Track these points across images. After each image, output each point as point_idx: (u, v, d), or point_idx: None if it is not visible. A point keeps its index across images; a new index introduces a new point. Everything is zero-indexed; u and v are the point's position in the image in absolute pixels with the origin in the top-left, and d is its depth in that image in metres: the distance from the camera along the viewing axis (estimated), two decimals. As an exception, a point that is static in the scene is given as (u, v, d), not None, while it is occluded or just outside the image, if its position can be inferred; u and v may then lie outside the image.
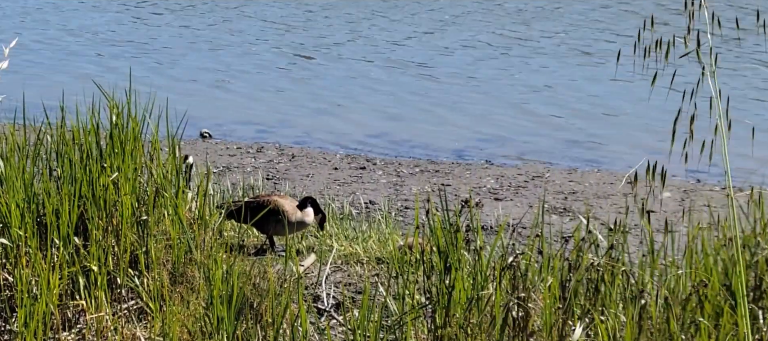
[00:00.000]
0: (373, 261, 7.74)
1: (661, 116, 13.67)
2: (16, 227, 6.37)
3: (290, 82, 16.22)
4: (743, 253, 5.18)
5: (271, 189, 10.77)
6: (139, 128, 6.98)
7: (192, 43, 18.73)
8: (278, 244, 8.15)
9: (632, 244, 5.76)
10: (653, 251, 5.41)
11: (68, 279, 6.32)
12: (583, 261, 5.36)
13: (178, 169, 7.01)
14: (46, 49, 18.15)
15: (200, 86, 16.01)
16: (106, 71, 15.87)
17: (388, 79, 16.28)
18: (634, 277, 5.31)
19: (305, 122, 14.22)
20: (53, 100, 7.49)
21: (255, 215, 7.79)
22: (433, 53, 17.76)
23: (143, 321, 6.34)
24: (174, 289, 6.40)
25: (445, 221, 5.55)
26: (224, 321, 5.57)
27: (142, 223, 6.71)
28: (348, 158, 12.51)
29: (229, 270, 5.63)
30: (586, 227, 5.43)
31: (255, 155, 12.59)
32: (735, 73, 15.60)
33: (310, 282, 7.21)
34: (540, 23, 19.63)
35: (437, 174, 11.78)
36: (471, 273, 5.61)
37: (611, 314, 5.18)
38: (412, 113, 14.54)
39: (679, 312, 5.08)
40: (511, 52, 17.77)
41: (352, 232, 8.49)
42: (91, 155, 6.77)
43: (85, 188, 6.66)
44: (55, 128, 6.97)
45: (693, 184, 11.31)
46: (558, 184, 11.41)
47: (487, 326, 5.42)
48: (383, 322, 5.88)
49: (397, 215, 9.96)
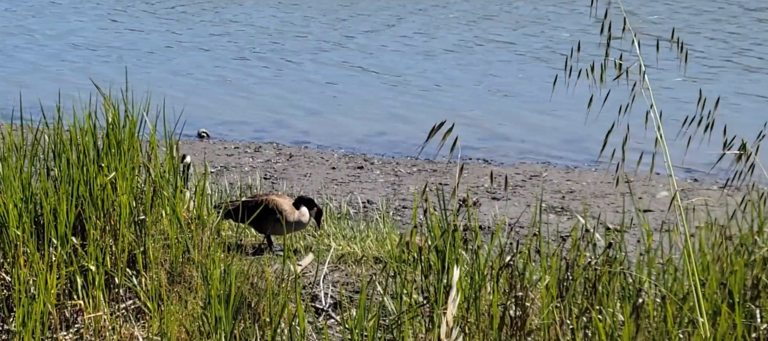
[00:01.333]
0: (371, 260, 7.74)
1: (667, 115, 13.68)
2: (13, 227, 6.37)
3: (288, 82, 16.22)
4: (741, 252, 5.19)
5: (269, 189, 10.77)
6: (137, 128, 6.98)
7: (188, 45, 18.72)
8: (276, 244, 8.15)
9: (630, 243, 5.76)
10: (650, 250, 5.41)
11: (66, 278, 6.32)
12: (580, 260, 5.37)
13: (176, 168, 7.01)
14: (42, 51, 18.14)
15: (198, 86, 16.02)
16: (103, 72, 15.86)
17: (385, 79, 16.28)
18: (632, 276, 5.31)
19: (303, 122, 14.22)
20: (50, 101, 7.49)
21: (252, 215, 7.78)
22: (430, 53, 17.77)
23: (141, 320, 6.33)
24: (172, 289, 6.40)
25: (443, 220, 5.55)
26: (222, 320, 5.57)
27: (140, 223, 6.71)
28: (346, 158, 12.51)
29: (227, 269, 5.63)
30: (584, 227, 5.43)
31: (253, 155, 12.59)
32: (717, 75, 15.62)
33: (307, 281, 7.21)
34: (531, 27, 19.64)
35: (435, 174, 11.78)
36: (469, 273, 5.61)
37: (609, 313, 5.19)
38: (410, 112, 14.55)
39: (677, 311, 5.09)
40: (504, 54, 17.78)
41: (350, 231, 8.49)
42: (88, 155, 6.77)
43: (82, 188, 6.66)
44: (52, 128, 6.96)
45: (690, 183, 11.32)
46: (556, 183, 11.42)
47: (485, 325, 5.42)
48: (381, 321, 5.88)
49: (395, 214, 9.97)
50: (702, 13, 20.08)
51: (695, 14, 19.99)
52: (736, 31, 18.78)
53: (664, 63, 5.12)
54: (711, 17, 19.79)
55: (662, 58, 4.94)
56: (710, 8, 20.40)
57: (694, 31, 18.43)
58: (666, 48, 5.05)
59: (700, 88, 5.28)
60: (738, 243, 5.28)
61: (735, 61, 16.68)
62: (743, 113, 13.48)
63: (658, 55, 5.15)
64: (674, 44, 5.26)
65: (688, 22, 19.27)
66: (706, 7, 20.45)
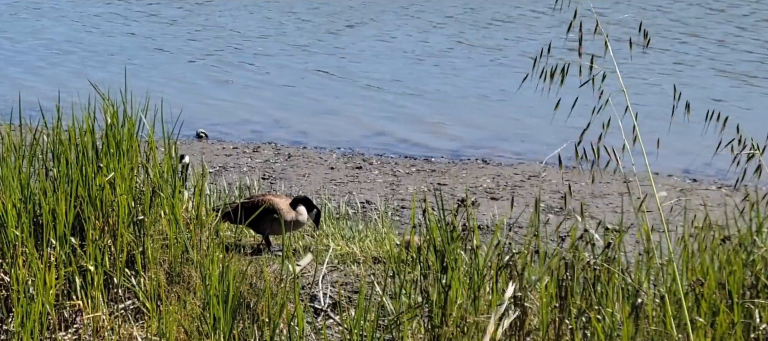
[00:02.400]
0: (370, 260, 7.74)
1: (659, 115, 13.70)
2: (12, 227, 6.36)
3: (286, 82, 16.22)
4: (739, 251, 5.20)
5: (268, 189, 10.77)
6: (135, 128, 6.98)
7: (185, 45, 18.72)
8: (274, 244, 8.15)
9: (629, 243, 5.77)
10: (649, 250, 5.41)
11: (65, 278, 6.32)
12: (579, 260, 5.37)
13: (175, 169, 7.01)
14: (40, 52, 18.13)
15: (196, 86, 16.01)
16: (103, 73, 15.86)
17: (384, 78, 16.28)
18: (631, 276, 5.31)
19: (301, 122, 14.22)
20: (49, 101, 7.49)
21: (250, 216, 7.78)
22: (429, 52, 17.77)
23: (140, 320, 6.33)
24: (171, 289, 6.40)
25: (442, 220, 5.55)
26: (221, 320, 5.56)
27: (139, 223, 6.71)
28: (344, 158, 12.51)
29: (226, 269, 5.63)
30: (583, 227, 5.43)
31: (251, 155, 12.59)
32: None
33: (306, 281, 7.21)
34: (532, 26, 19.65)
35: (433, 174, 11.78)
36: (467, 273, 5.61)
37: (608, 313, 5.19)
38: (408, 112, 14.54)
39: (676, 311, 5.09)
40: (502, 52, 17.79)
41: (349, 232, 8.49)
42: (87, 155, 6.77)
43: (81, 188, 6.66)
44: (51, 128, 6.96)
45: (689, 183, 11.33)
46: (554, 183, 11.42)
47: (483, 325, 5.42)
48: (380, 322, 5.89)
49: (394, 214, 9.97)
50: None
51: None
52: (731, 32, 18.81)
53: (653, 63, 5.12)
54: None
55: (648, 61, 4.95)
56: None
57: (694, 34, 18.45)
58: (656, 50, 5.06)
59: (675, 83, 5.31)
60: (736, 243, 5.29)
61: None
62: (742, 115, 13.50)
63: (631, 52, 5.18)
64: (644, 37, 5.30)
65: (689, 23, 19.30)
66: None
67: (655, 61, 15.99)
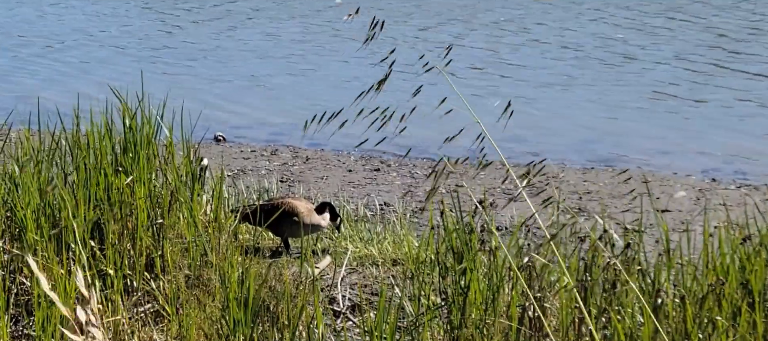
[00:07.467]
0: (389, 262, 7.74)
1: (669, 114, 13.67)
2: (31, 232, 6.38)
3: (303, 85, 16.23)
4: (761, 251, 5.17)
5: (286, 192, 10.78)
6: (154, 131, 6.99)
7: (204, 49, 18.76)
8: (293, 247, 8.16)
9: (648, 243, 5.75)
10: (669, 250, 5.39)
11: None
12: (598, 260, 5.36)
13: (194, 172, 7.02)
14: (58, 55, 18.19)
15: (214, 89, 16.04)
16: (120, 76, 15.90)
17: (398, 78, 16.26)
18: (651, 276, 5.29)
19: (319, 124, 14.20)
20: (67, 106, 7.51)
21: (269, 218, 7.79)
22: (435, 52, 17.73)
23: (160, 324, 6.35)
24: (190, 292, 6.41)
25: (460, 222, 5.55)
26: (241, 323, 5.57)
27: (158, 226, 6.72)
28: (362, 160, 12.51)
29: (245, 272, 5.64)
30: (603, 227, 5.42)
31: (269, 158, 12.60)
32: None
33: (325, 284, 7.21)
34: (560, 21, 19.62)
35: (452, 175, 11.76)
36: (486, 274, 5.60)
37: (628, 313, 5.17)
38: (426, 114, 14.51)
39: (696, 311, 5.07)
40: (526, 49, 17.76)
41: (367, 234, 8.49)
42: (106, 159, 6.79)
43: (100, 192, 6.67)
44: (69, 133, 6.98)
45: (708, 183, 11.28)
46: (572, 184, 11.40)
47: (503, 326, 5.42)
48: (399, 323, 5.88)
49: (412, 216, 9.96)
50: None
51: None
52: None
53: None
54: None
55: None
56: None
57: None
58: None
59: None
60: (757, 243, 5.26)
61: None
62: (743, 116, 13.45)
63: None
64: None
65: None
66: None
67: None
